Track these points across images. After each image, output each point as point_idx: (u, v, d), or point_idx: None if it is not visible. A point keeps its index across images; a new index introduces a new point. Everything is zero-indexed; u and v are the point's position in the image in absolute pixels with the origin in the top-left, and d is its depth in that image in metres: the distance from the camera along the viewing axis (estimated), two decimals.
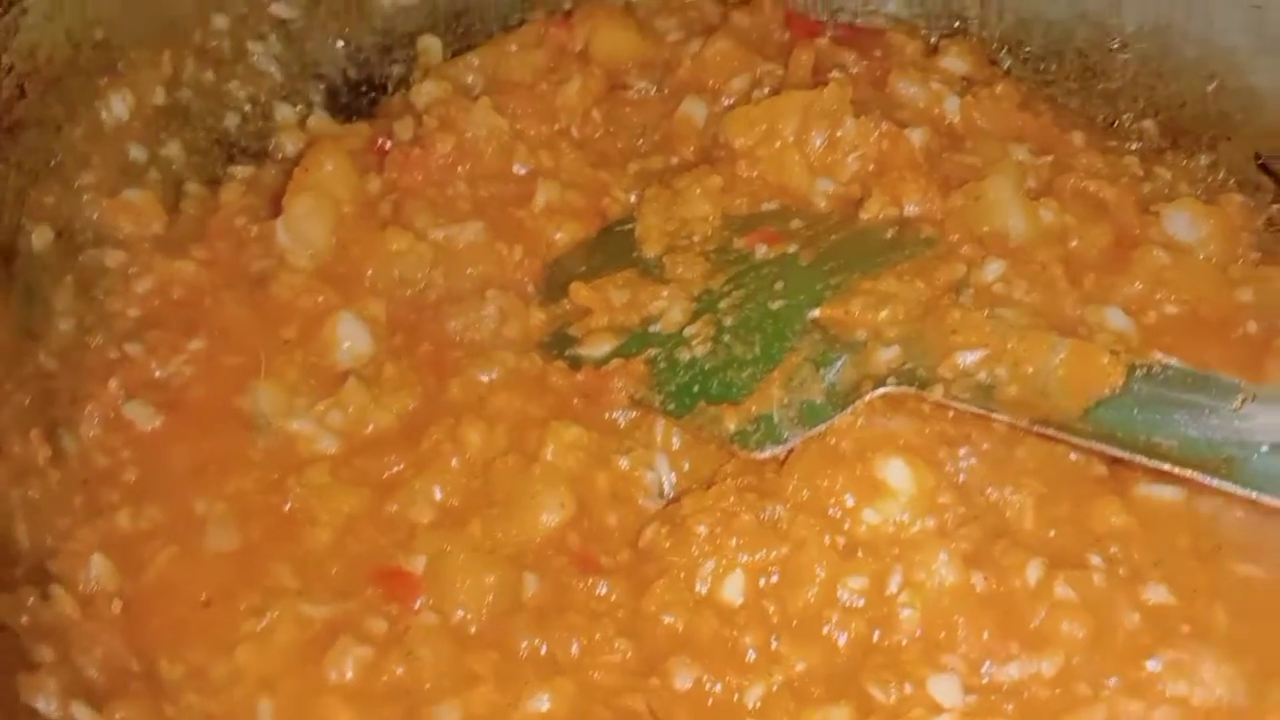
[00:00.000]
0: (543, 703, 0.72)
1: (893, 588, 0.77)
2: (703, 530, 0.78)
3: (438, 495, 0.81)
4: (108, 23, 0.94)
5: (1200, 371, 0.82)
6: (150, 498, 0.79)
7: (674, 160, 1.09)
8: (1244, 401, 0.78)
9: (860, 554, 0.78)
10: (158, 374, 0.86)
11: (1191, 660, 0.75)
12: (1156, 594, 0.79)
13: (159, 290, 0.90)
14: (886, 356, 0.87)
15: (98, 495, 0.79)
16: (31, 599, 0.71)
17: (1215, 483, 0.75)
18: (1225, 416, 0.77)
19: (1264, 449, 0.75)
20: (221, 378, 0.86)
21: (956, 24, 1.21)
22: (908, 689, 0.73)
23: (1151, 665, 0.76)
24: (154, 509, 0.79)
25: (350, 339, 0.89)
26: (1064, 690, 0.74)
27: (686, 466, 0.86)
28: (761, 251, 0.98)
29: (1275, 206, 1.05)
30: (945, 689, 0.73)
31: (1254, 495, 0.74)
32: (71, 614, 0.72)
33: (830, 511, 0.80)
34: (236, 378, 0.86)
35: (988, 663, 0.75)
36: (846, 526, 0.79)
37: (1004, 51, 1.20)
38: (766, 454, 0.83)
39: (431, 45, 1.15)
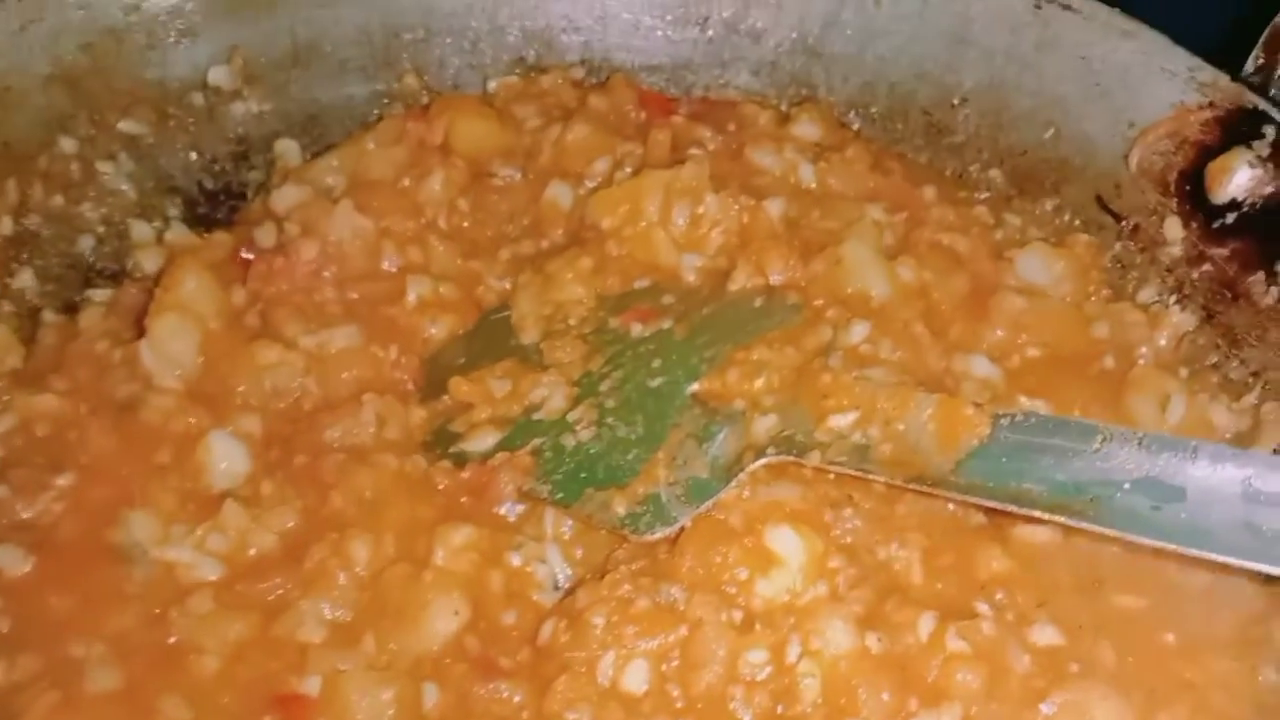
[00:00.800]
0: None
1: (792, 657, 0.78)
2: (599, 621, 0.78)
3: (327, 613, 0.80)
4: None
5: (1060, 417, 0.85)
6: (24, 646, 0.76)
7: (544, 244, 1.10)
8: (1103, 442, 0.81)
9: (758, 627, 0.79)
10: (24, 515, 0.83)
11: (1083, 700, 0.78)
12: (1044, 635, 0.81)
13: (21, 428, 0.87)
14: (765, 425, 0.89)
15: None
16: None
17: (1084, 525, 0.78)
18: (1087, 458, 0.81)
19: (1126, 486, 0.79)
20: (92, 512, 0.83)
21: (805, 91, 1.25)
22: None
23: (1045, 709, 0.78)
24: (28, 658, 0.75)
25: (226, 459, 0.87)
26: None
27: (579, 554, 0.86)
28: (637, 330, 0.99)
29: (1119, 245, 1.09)
30: None
31: (1120, 534, 0.77)
32: None
33: (725, 587, 0.80)
34: (108, 510, 0.83)
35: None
36: (741, 601, 0.80)
37: (852, 114, 1.23)
38: (657, 535, 0.84)
39: (288, 149, 1.14)
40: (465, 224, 1.11)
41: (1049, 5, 1.14)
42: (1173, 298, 1.05)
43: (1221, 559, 0.74)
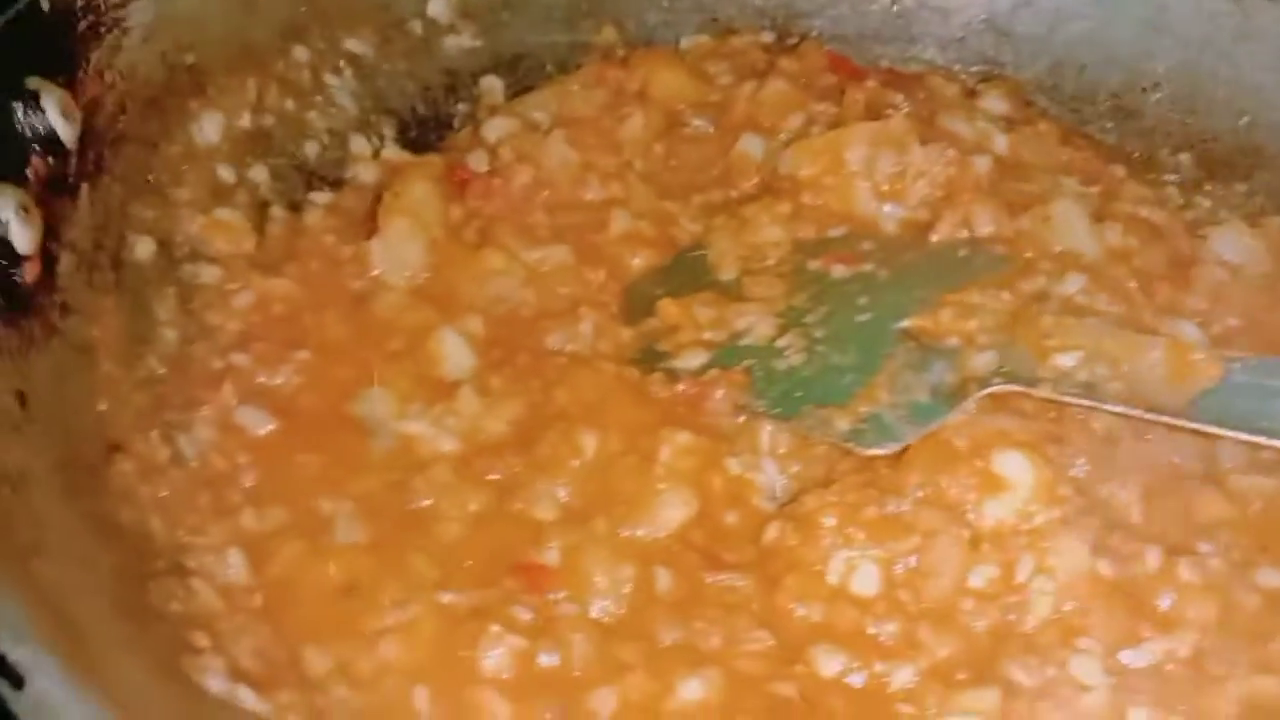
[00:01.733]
0: (695, 690, 0.71)
1: (1022, 576, 0.77)
2: (830, 523, 0.78)
3: (561, 495, 0.81)
4: (198, 48, 0.95)
5: None
6: (272, 499, 0.78)
7: (734, 193, 1.11)
8: None
9: (986, 545, 0.79)
10: (265, 382, 0.85)
11: None
12: (1269, 577, 0.80)
13: (258, 306, 0.90)
14: (983, 360, 0.89)
15: (221, 495, 0.78)
16: (178, 589, 0.69)
17: None
18: None
19: None
20: (331, 387, 0.85)
21: (992, 69, 1.26)
22: (1050, 671, 0.74)
23: (1276, 646, 0.77)
24: (277, 509, 0.77)
25: (455, 352, 0.89)
26: (1198, 670, 0.75)
27: (795, 469, 0.86)
28: (839, 271, 1.00)
29: None
30: (1087, 670, 0.74)
31: None
32: (216, 605, 0.70)
33: (952, 504, 0.80)
34: (346, 387, 0.86)
35: (1123, 646, 0.76)
36: (971, 519, 0.80)
37: (1039, 93, 1.24)
38: (884, 450, 0.84)
39: (493, 86, 1.17)
40: (659, 168, 1.13)
41: None
42: None
43: None
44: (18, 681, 0.50)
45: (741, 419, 0.89)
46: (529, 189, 1.04)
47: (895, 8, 1.29)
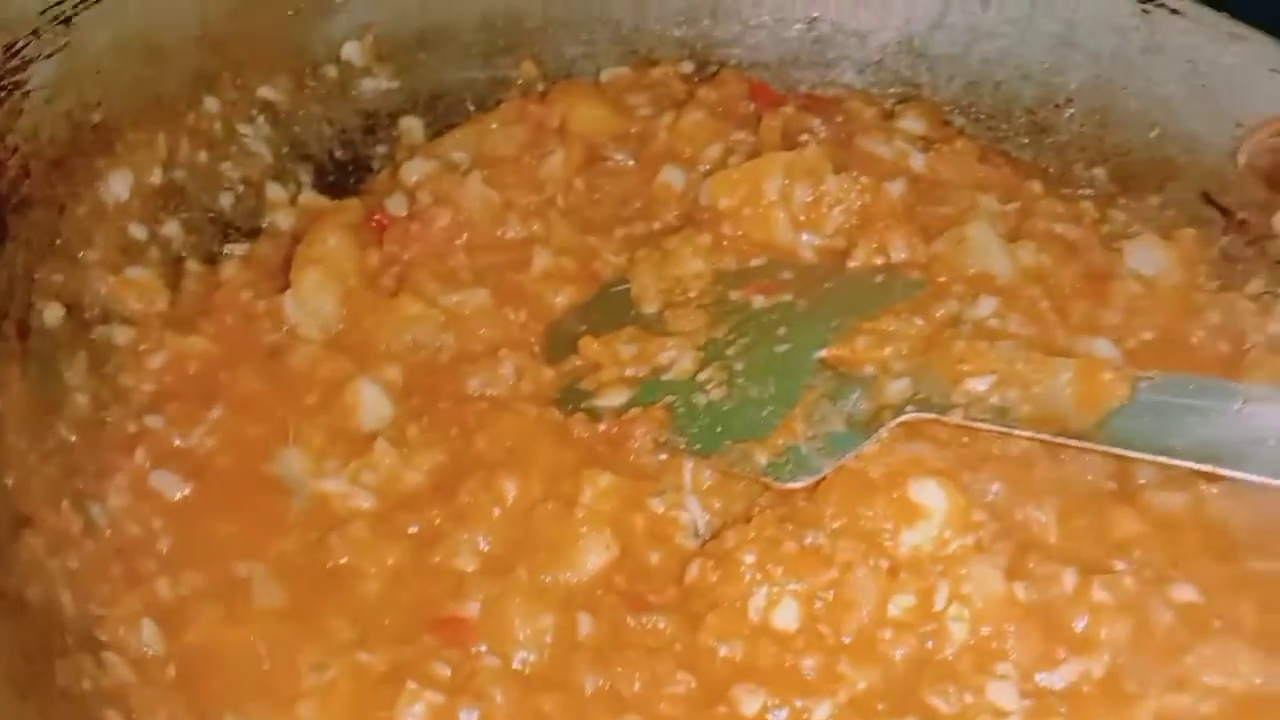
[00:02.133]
0: None
1: (940, 603, 0.78)
2: (750, 559, 0.79)
3: (481, 545, 0.81)
4: (105, 104, 0.95)
5: (1200, 377, 0.86)
6: (187, 565, 0.78)
7: (656, 225, 1.12)
8: (1245, 402, 0.83)
9: (903, 574, 0.80)
10: (180, 444, 0.85)
11: (1227, 653, 0.78)
12: (1183, 593, 0.82)
13: (172, 365, 0.90)
14: (898, 388, 0.90)
15: (134, 564, 0.77)
16: (89, 665, 0.68)
17: (1234, 473, 0.79)
18: (1231, 416, 0.82)
19: (1271, 442, 0.80)
20: (246, 446, 0.85)
21: (909, 90, 1.27)
22: (968, 698, 0.75)
23: (1190, 660, 0.78)
24: (193, 575, 0.77)
25: (372, 402, 0.89)
26: (1113, 689, 0.76)
27: (717, 505, 0.87)
28: (759, 301, 1.01)
29: (1226, 239, 1.11)
30: (1003, 695, 0.75)
31: (1272, 482, 0.78)
32: (128, 679, 0.69)
33: (869, 535, 0.81)
34: (261, 445, 0.85)
35: (1039, 668, 0.77)
36: (888, 548, 0.81)
37: (956, 112, 1.26)
38: (800, 484, 0.85)
39: (413, 126, 1.17)
40: (581, 203, 1.14)
41: (1156, 9, 1.16)
42: None
43: None
44: None
45: (663, 457, 0.89)
46: (448, 231, 1.04)
47: (813, 33, 1.30)
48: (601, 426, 0.91)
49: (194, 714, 0.70)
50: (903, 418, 0.87)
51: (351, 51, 1.14)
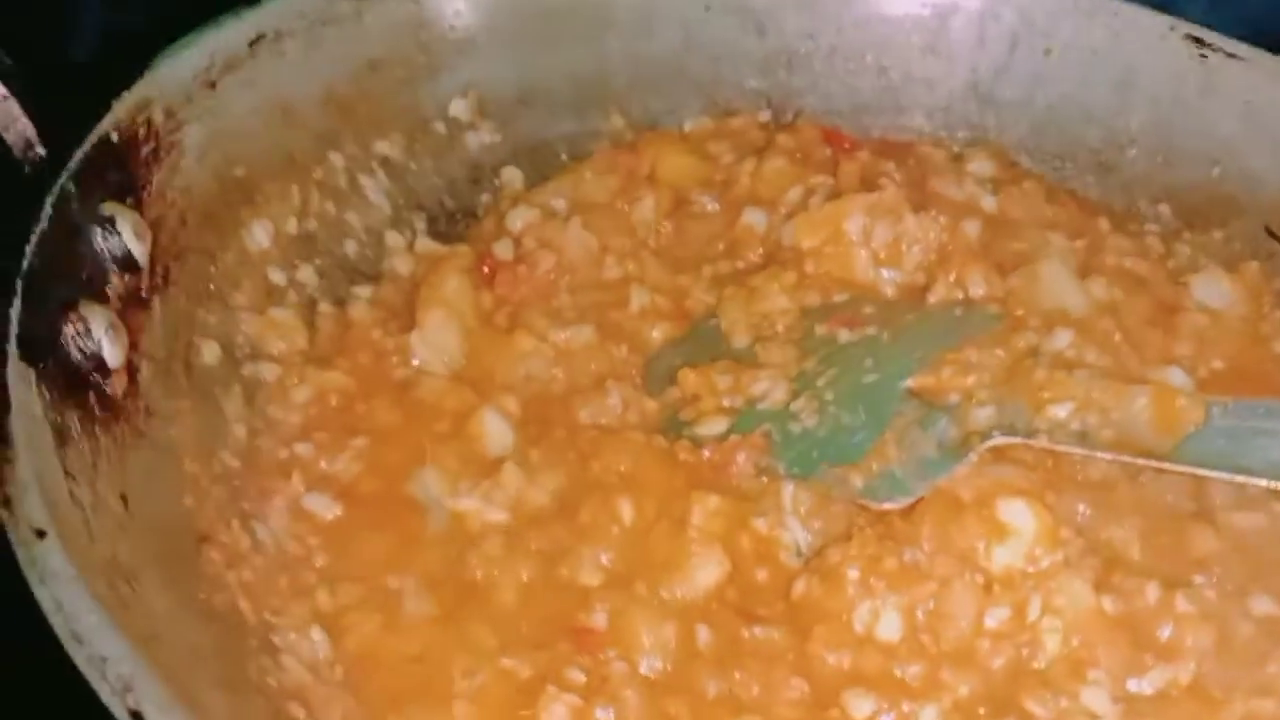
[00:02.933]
0: None
1: (1033, 615, 0.84)
2: (853, 575, 0.85)
3: (603, 560, 0.88)
4: (245, 161, 1.04)
5: (1270, 401, 0.92)
6: (343, 578, 0.85)
7: (741, 264, 1.19)
8: None
9: (997, 588, 0.86)
10: (327, 469, 0.92)
11: None
12: (1262, 605, 0.87)
13: (316, 398, 0.97)
14: (984, 414, 0.96)
15: (297, 577, 0.84)
16: (271, 665, 0.76)
17: None
18: None
19: None
20: (387, 470, 0.93)
21: (977, 133, 1.34)
22: (1063, 703, 0.80)
23: (1272, 669, 0.83)
24: (349, 587, 0.84)
25: (496, 430, 0.96)
26: (1200, 695, 0.82)
27: (817, 526, 0.93)
28: (844, 335, 1.07)
29: None
30: (1097, 700, 0.80)
31: None
32: (305, 679, 0.77)
33: (963, 552, 0.87)
34: (401, 468, 0.93)
35: (1129, 675, 0.82)
36: (982, 564, 0.87)
37: (1022, 154, 1.32)
38: (897, 505, 0.91)
39: (514, 176, 1.25)
40: (671, 245, 1.21)
41: (1214, 54, 1.23)
42: None
43: None
44: None
45: (764, 480, 0.96)
46: (552, 273, 1.12)
47: (883, 81, 1.37)
48: (705, 453, 0.97)
49: (364, 712, 0.77)
50: (991, 442, 0.93)
51: (458, 109, 1.22)
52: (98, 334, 0.80)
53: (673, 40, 1.32)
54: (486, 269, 1.12)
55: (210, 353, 0.95)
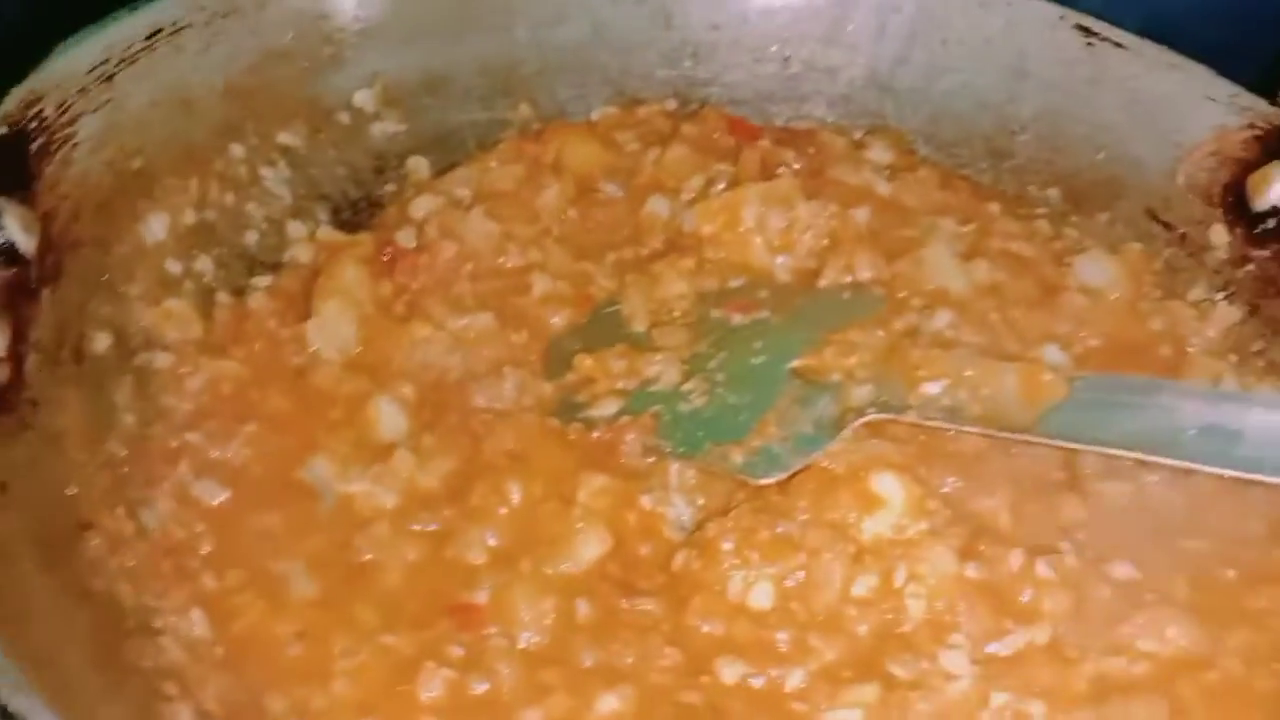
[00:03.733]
0: (611, 704, 0.81)
1: (899, 582, 0.88)
2: (728, 547, 0.89)
3: (490, 540, 0.91)
4: (143, 153, 1.05)
5: (1130, 376, 0.97)
6: (229, 563, 0.87)
7: (644, 251, 1.21)
8: (1169, 396, 0.93)
9: (867, 558, 0.89)
10: (217, 456, 0.94)
11: (1159, 621, 0.88)
12: (1122, 570, 0.91)
13: (208, 387, 0.99)
14: (861, 393, 1.00)
15: (182, 562, 0.86)
16: (148, 646, 0.78)
17: (1155, 459, 0.89)
18: (1155, 411, 0.92)
19: (1191, 432, 0.90)
20: (277, 456, 0.94)
21: (876, 121, 1.37)
22: (924, 665, 0.84)
23: (1126, 629, 0.88)
24: (235, 571, 0.86)
25: (389, 417, 0.98)
26: (1055, 655, 0.86)
27: (701, 502, 0.97)
28: (737, 319, 1.11)
29: (1169, 251, 1.20)
30: (955, 662, 0.84)
31: (1190, 465, 0.88)
32: (182, 659, 0.79)
33: (835, 523, 0.91)
34: (292, 454, 0.95)
35: (989, 638, 0.86)
36: (852, 535, 0.90)
37: (920, 141, 1.35)
38: (772, 479, 0.95)
39: (419, 165, 1.27)
40: (574, 232, 1.23)
41: (1101, 43, 1.27)
42: (1220, 295, 1.16)
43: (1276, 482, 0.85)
44: None
45: (651, 460, 0.99)
46: (453, 262, 1.14)
47: (787, 71, 1.40)
48: (596, 434, 1.00)
49: (241, 690, 0.79)
50: (864, 419, 0.97)
51: (362, 99, 1.24)
52: None
53: (581, 30, 1.34)
54: (386, 257, 1.14)
55: (102, 342, 0.96)
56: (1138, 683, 0.84)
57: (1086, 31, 1.27)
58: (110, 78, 1.02)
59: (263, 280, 1.12)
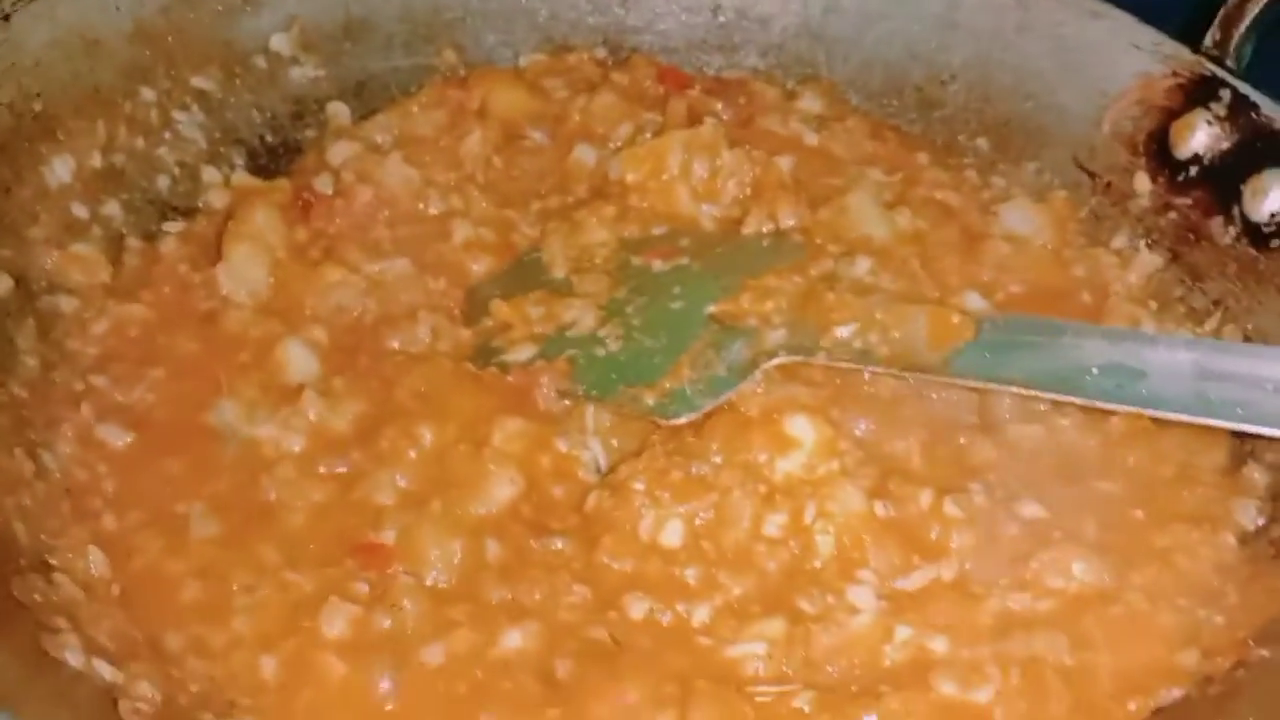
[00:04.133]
0: (515, 639, 0.81)
1: (808, 519, 0.88)
2: (640, 487, 0.88)
3: (400, 482, 0.90)
4: (45, 95, 1.02)
5: (1035, 316, 0.98)
6: (131, 504, 0.86)
7: (569, 199, 1.20)
8: (1073, 335, 0.94)
9: (778, 497, 0.90)
10: (122, 400, 0.93)
11: (1064, 558, 0.88)
12: (1030, 509, 0.92)
13: (114, 331, 0.97)
14: (776, 336, 1.00)
15: (83, 502, 0.85)
16: (40, 583, 0.77)
17: (1060, 398, 0.89)
18: (1059, 349, 0.93)
19: (1094, 371, 0.91)
20: (183, 400, 0.93)
21: (808, 71, 1.37)
22: (830, 600, 0.85)
23: (1032, 566, 0.88)
24: (136, 512, 0.85)
25: (299, 359, 0.97)
26: (961, 591, 0.87)
27: (615, 444, 0.96)
28: (658, 265, 1.10)
29: (1094, 199, 1.21)
30: (861, 597, 0.85)
31: (1092, 404, 0.89)
32: (76, 595, 0.78)
33: (748, 464, 0.91)
34: (198, 398, 0.93)
35: (895, 576, 0.87)
36: (764, 475, 0.90)
37: (851, 91, 1.35)
38: (683, 420, 0.95)
39: (339, 111, 1.25)
40: (499, 179, 1.22)
41: None
42: (1142, 242, 1.16)
43: (1176, 418, 0.87)
44: None
45: (567, 403, 0.98)
46: (370, 207, 1.12)
47: (718, 20, 1.39)
48: (510, 378, 0.99)
49: (136, 627, 0.78)
50: (775, 361, 0.96)
51: (279, 43, 1.22)
52: None
53: None
54: (301, 203, 1.12)
55: (3, 285, 0.94)
56: (1041, 618, 0.85)
57: None
58: (6, 17, 0.99)
59: (175, 226, 1.10)
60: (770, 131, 1.27)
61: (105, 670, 0.73)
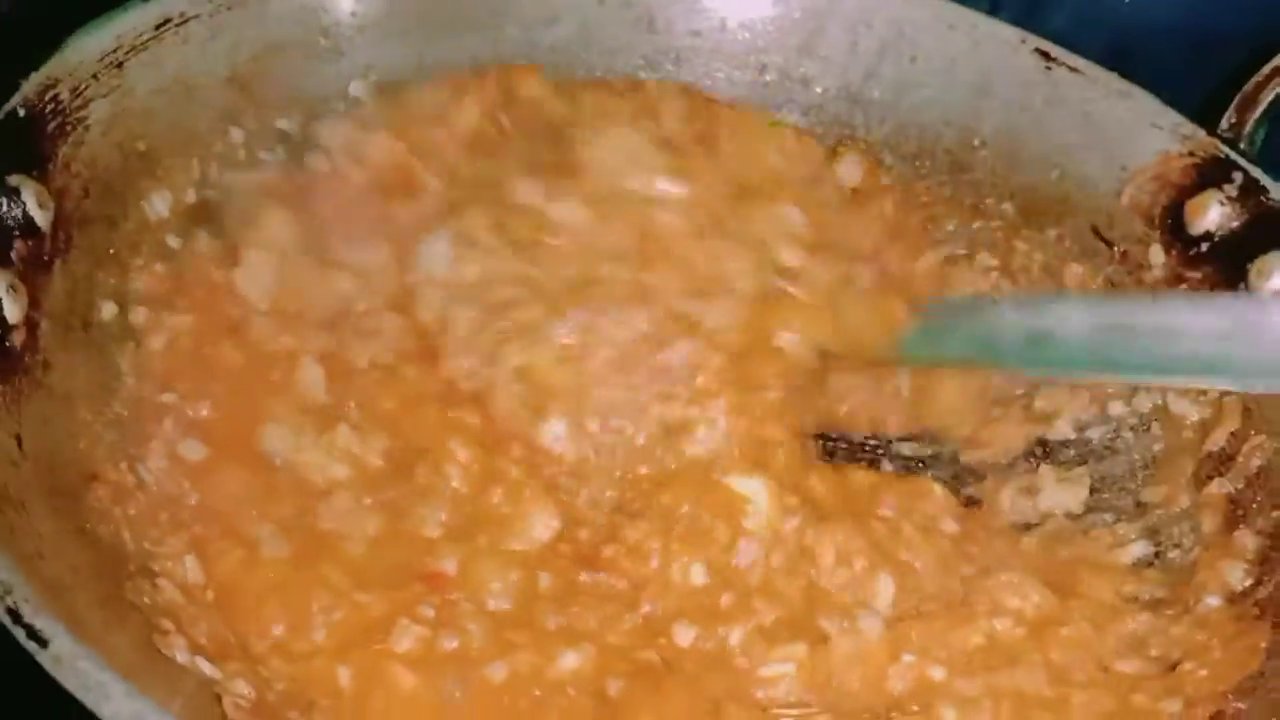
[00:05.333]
0: (572, 660, 0.88)
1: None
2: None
3: (443, 518, 0.96)
4: (148, 137, 1.11)
5: (961, 298, 1.10)
6: (211, 517, 0.92)
7: None
8: (992, 308, 1.07)
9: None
10: (192, 415, 0.98)
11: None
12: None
13: (171, 344, 1.02)
14: None
15: (176, 513, 0.92)
16: (147, 586, 0.85)
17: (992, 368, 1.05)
18: (984, 324, 1.04)
19: (1015, 339, 1.02)
20: (238, 417, 0.98)
21: (846, 131, 1.44)
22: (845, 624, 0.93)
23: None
24: (217, 526, 0.92)
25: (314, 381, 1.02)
26: None
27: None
28: None
29: (1110, 268, 1.28)
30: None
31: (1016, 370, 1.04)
32: (177, 599, 0.85)
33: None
34: (250, 414, 0.99)
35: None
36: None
37: (886, 151, 1.43)
38: None
39: None
40: None
41: (1058, 67, 1.34)
42: None
43: (1084, 377, 0.98)
44: (43, 642, 0.68)
45: None
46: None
47: (765, 79, 1.47)
48: None
49: (230, 630, 0.86)
50: None
51: (357, 89, 1.30)
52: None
53: (570, 31, 1.40)
54: None
55: (108, 311, 1.02)
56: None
57: (1045, 56, 1.35)
58: (120, 65, 1.08)
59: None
60: None
61: (206, 667, 0.81)
